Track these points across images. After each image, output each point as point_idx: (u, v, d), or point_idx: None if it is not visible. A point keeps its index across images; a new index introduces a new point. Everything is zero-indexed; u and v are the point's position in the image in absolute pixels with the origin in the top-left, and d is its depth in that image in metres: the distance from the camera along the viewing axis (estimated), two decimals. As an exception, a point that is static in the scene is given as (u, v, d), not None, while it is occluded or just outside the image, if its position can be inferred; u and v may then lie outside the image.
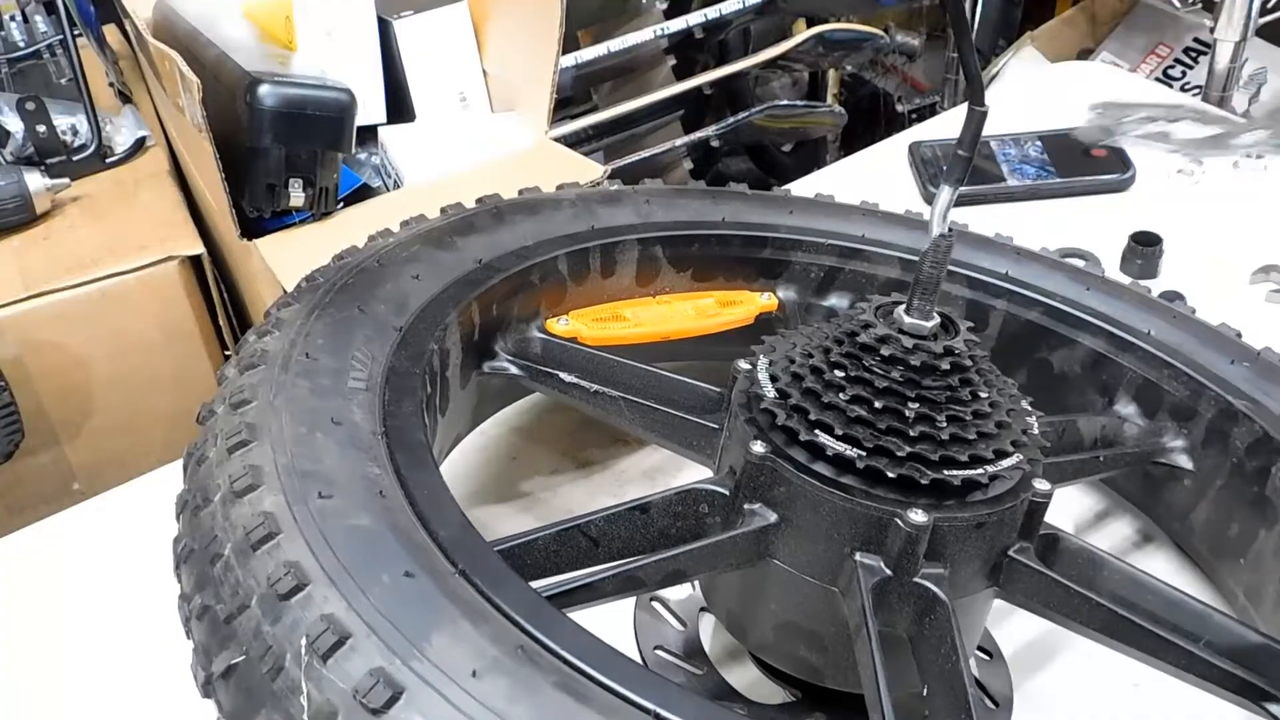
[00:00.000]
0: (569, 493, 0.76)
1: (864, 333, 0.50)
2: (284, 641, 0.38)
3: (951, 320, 0.51)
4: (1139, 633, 0.50)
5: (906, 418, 0.48)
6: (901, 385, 0.49)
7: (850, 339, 0.51)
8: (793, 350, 0.53)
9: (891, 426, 0.48)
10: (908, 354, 0.49)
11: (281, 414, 0.48)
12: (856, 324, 0.51)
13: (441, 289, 0.62)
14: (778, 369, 0.53)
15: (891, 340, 0.49)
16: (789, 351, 0.53)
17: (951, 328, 0.51)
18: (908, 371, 0.49)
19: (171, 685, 0.48)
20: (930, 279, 0.50)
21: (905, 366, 0.49)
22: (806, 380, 0.51)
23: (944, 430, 0.48)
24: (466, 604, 0.39)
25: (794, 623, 0.52)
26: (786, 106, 1.66)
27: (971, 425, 0.49)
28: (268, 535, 0.41)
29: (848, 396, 0.49)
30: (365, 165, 1.22)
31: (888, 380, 0.49)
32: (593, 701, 0.36)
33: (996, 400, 0.51)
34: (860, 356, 0.50)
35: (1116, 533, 0.74)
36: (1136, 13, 1.92)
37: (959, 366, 0.49)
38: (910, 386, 0.49)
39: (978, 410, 0.49)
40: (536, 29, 1.15)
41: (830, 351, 0.51)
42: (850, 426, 0.49)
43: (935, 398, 0.49)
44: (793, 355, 0.53)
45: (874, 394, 0.49)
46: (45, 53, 1.38)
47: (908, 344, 0.49)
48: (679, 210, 0.77)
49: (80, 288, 1.07)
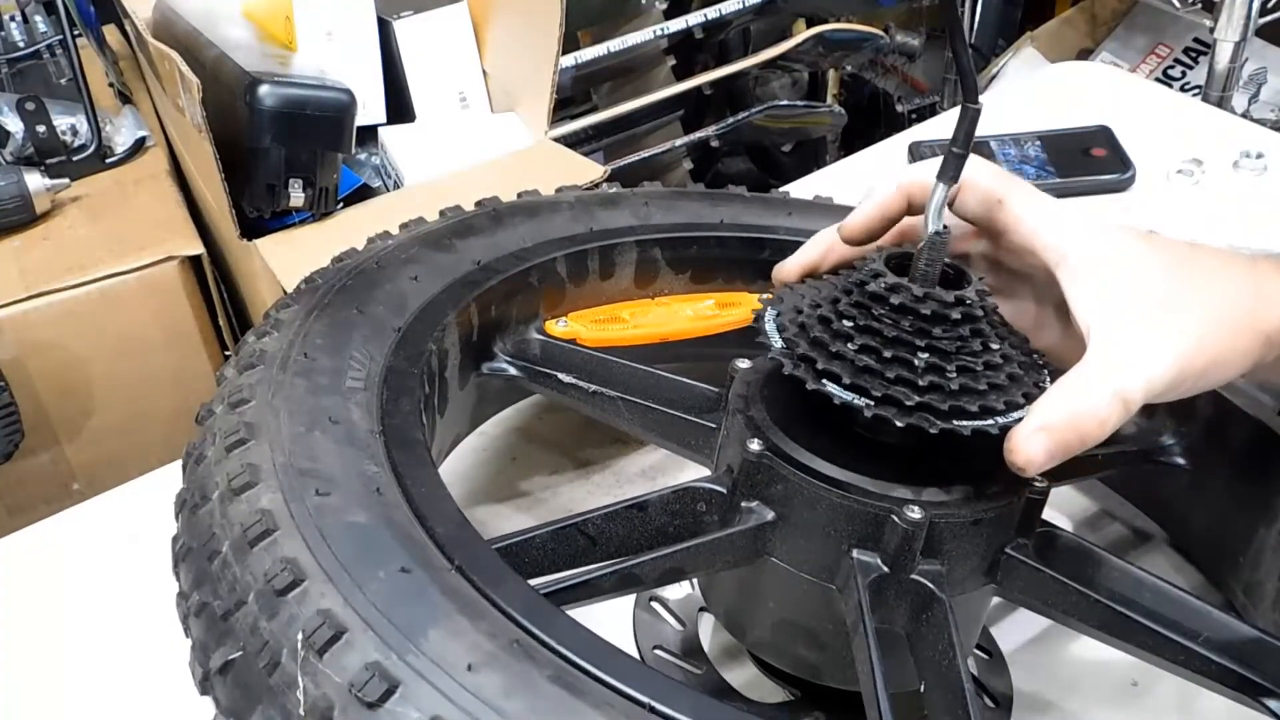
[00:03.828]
0: (568, 492, 0.76)
1: (873, 282, 0.49)
2: (281, 637, 0.38)
3: (963, 271, 0.51)
4: (1137, 629, 0.50)
5: (916, 367, 0.47)
6: (911, 335, 0.48)
7: (859, 289, 0.50)
8: (801, 301, 0.52)
9: (900, 376, 0.47)
10: (918, 303, 0.48)
11: (280, 413, 0.48)
12: (866, 274, 0.50)
13: (440, 290, 0.62)
14: (785, 319, 0.52)
15: (901, 289, 0.48)
16: (797, 303, 0.52)
17: (964, 278, 0.50)
18: (918, 321, 0.48)
19: (171, 683, 0.48)
20: (926, 277, 0.50)
21: (915, 316, 0.48)
22: (814, 330, 0.50)
23: (954, 380, 0.47)
24: (462, 599, 0.39)
25: (792, 621, 0.52)
26: (786, 106, 1.66)
27: (983, 376, 0.48)
28: (265, 532, 0.41)
29: (856, 346, 0.48)
30: (365, 165, 1.23)
31: (897, 330, 0.48)
32: (588, 695, 0.36)
33: (1008, 353, 0.49)
34: (869, 306, 0.49)
35: (1114, 530, 0.74)
36: (1136, 13, 1.93)
37: (970, 317, 0.48)
38: (920, 336, 0.47)
39: (989, 361, 0.48)
40: (536, 29, 1.15)
41: (839, 302, 0.50)
42: (858, 376, 0.47)
43: (945, 348, 0.47)
44: (800, 306, 0.52)
45: (883, 343, 0.47)
46: (45, 53, 1.38)
47: (918, 293, 0.48)
48: (677, 212, 0.77)
49: (80, 288, 1.07)
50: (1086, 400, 0.46)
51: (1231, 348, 0.48)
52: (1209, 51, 1.60)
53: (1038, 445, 0.46)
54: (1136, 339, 0.47)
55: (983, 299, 0.49)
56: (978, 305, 0.49)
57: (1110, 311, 0.49)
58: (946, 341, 0.48)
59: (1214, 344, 0.48)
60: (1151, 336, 0.47)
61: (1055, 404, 0.47)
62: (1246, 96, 1.77)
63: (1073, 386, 0.47)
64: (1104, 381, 0.47)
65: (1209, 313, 0.48)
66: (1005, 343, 0.50)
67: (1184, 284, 0.49)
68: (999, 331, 0.50)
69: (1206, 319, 0.48)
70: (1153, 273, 0.49)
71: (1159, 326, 0.48)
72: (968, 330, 0.48)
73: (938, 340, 0.48)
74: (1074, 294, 0.50)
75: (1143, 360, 0.47)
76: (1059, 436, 0.46)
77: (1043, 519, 0.53)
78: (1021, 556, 0.51)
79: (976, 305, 0.49)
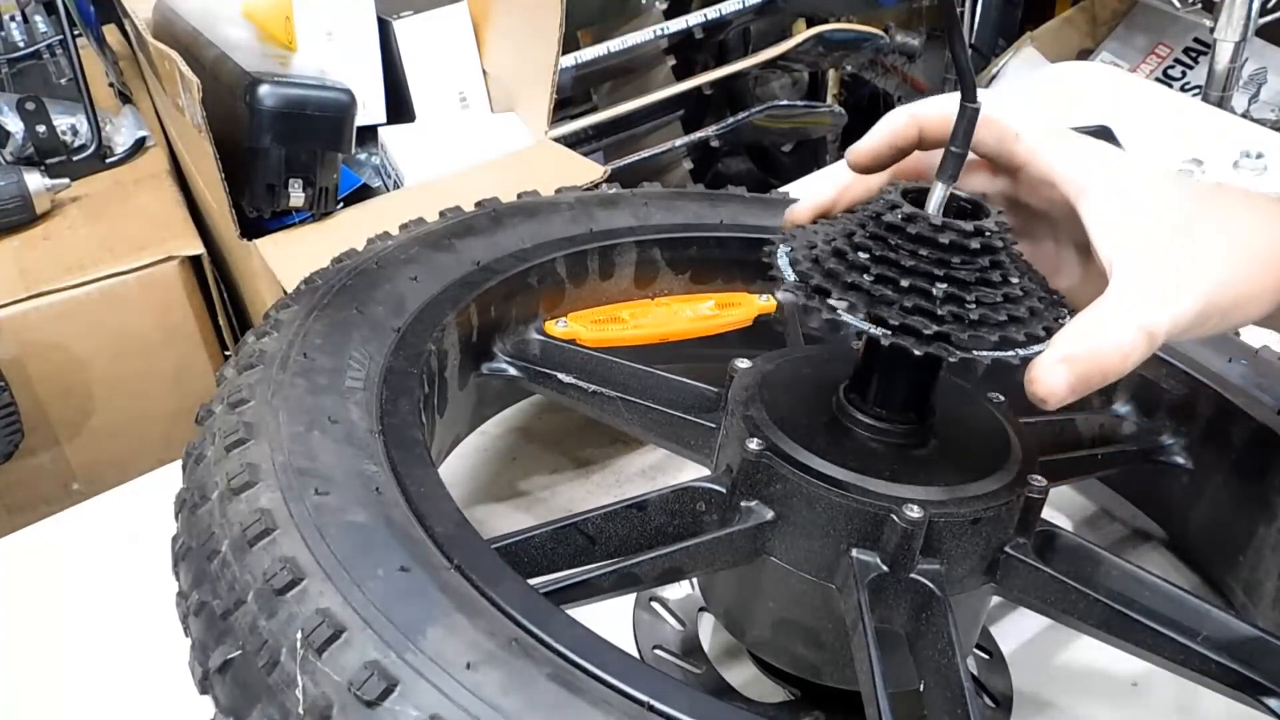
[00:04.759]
0: (568, 492, 0.76)
1: (889, 213, 0.47)
2: (280, 636, 0.38)
3: (981, 204, 0.49)
4: (1137, 628, 0.50)
5: (934, 297, 0.45)
6: (929, 265, 0.46)
7: (875, 220, 0.48)
8: (814, 237, 0.51)
9: (918, 305, 0.45)
10: (936, 232, 0.46)
11: (279, 413, 0.48)
12: (882, 205, 0.48)
13: (440, 291, 0.62)
14: (798, 254, 0.50)
15: (918, 219, 0.47)
16: (810, 239, 0.51)
17: (981, 211, 0.49)
18: (936, 251, 0.46)
19: (170, 682, 0.48)
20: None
21: (933, 246, 0.46)
22: (828, 263, 0.48)
23: (973, 311, 0.45)
24: (461, 598, 0.39)
25: (791, 620, 0.52)
26: (786, 106, 1.66)
27: (1002, 308, 0.46)
28: (264, 531, 0.41)
29: (872, 276, 0.46)
30: (365, 165, 1.23)
31: (914, 260, 0.46)
32: (586, 693, 0.36)
33: (1028, 287, 0.48)
34: (885, 237, 0.47)
35: (1115, 530, 0.74)
36: (1136, 13, 1.93)
37: (989, 248, 0.47)
38: (938, 266, 0.46)
39: (1009, 294, 0.47)
40: (536, 29, 1.15)
41: (853, 235, 0.48)
42: (874, 305, 0.46)
43: (964, 278, 0.46)
44: (814, 241, 0.50)
45: (900, 273, 0.46)
46: (45, 53, 1.38)
47: (936, 222, 0.46)
48: (677, 213, 0.77)
49: (80, 288, 1.07)
50: (1111, 333, 0.45)
51: (1258, 285, 0.47)
52: (1209, 51, 1.60)
53: (1060, 377, 0.45)
54: (1161, 273, 0.46)
55: (1002, 230, 0.48)
56: (997, 236, 0.47)
57: (1134, 245, 0.47)
58: (965, 272, 0.46)
59: (1240, 281, 0.46)
60: (1177, 271, 0.46)
61: (1078, 336, 0.45)
62: (1246, 96, 1.77)
63: (1096, 319, 0.46)
64: (1128, 315, 0.45)
65: (1235, 250, 0.47)
66: (1024, 277, 0.48)
67: (1210, 220, 0.47)
68: (1018, 265, 0.48)
69: (1232, 256, 0.46)
70: (1178, 207, 0.48)
71: (1184, 261, 0.46)
72: (987, 261, 0.47)
73: (956, 270, 0.46)
74: (1096, 227, 0.48)
75: (1168, 295, 0.45)
76: (1081, 368, 0.45)
77: (1042, 518, 0.53)
78: (1021, 555, 0.51)
79: (996, 236, 0.47)
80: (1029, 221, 0.55)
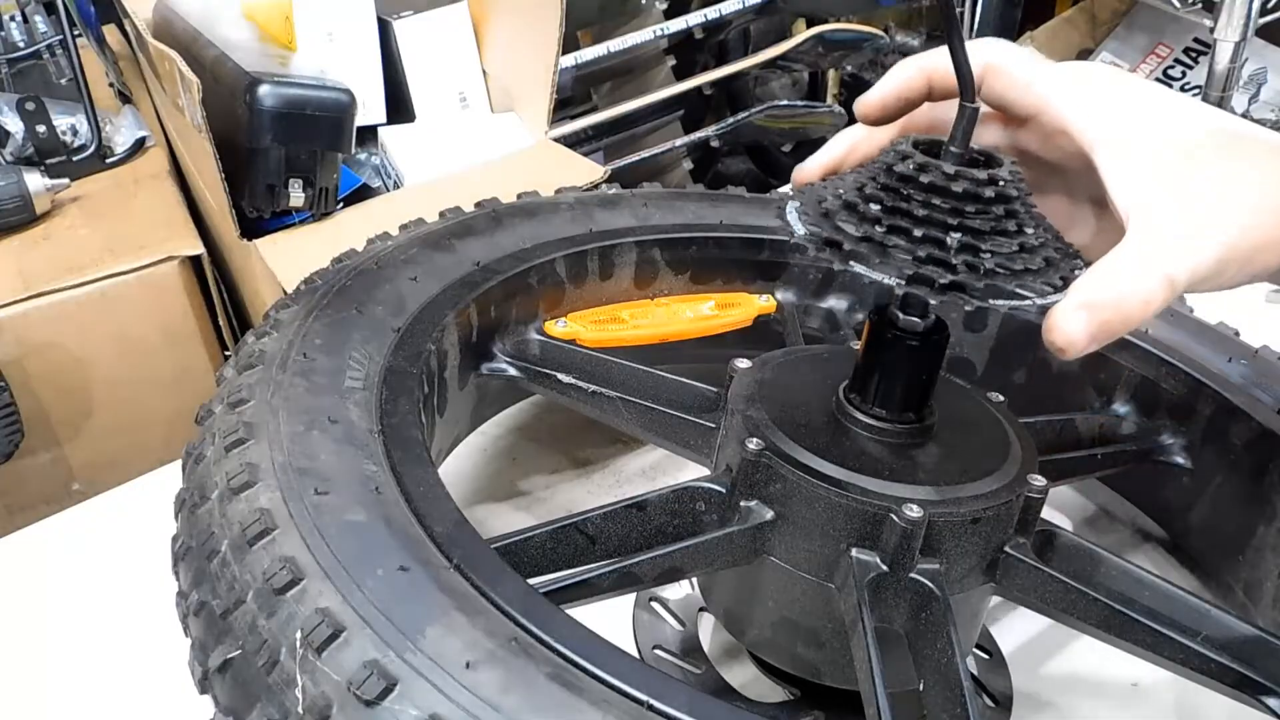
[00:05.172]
0: (568, 491, 0.76)
1: (901, 164, 0.46)
2: (279, 635, 0.38)
3: (994, 155, 0.48)
4: (1137, 628, 0.50)
5: (948, 247, 0.44)
6: (943, 214, 0.45)
7: (886, 172, 0.47)
8: (824, 192, 0.49)
9: (932, 255, 0.44)
10: (949, 181, 0.45)
11: (279, 412, 0.48)
12: (893, 156, 0.47)
13: (439, 291, 0.62)
14: (808, 208, 0.49)
15: (931, 168, 0.46)
16: (820, 194, 0.50)
17: (994, 161, 0.48)
18: (949, 199, 0.45)
19: (170, 682, 0.48)
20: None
21: (946, 194, 0.45)
22: (839, 217, 0.47)
23: (988, 260, 0.44)
24: (461, 598, 0.39)
25: (791, 620, 0.52)
26: (786, 106, 1.66)
27: (1018, 258, 0.45)
28: (264, 531, 0.41)
29: (884, 227, 0.45)
30: (365, 165, 1.23)
31: (928, 209, 0.45)
32: (586, 693, 0.36)
33: (1044, 237, 0.47)
34: (897, 188, 0.46)
35: (1115, 530, 0.74)
36: (1136, 13, 1.92)
37: (1004, 196, 0.46)
38: (952, 215, 0.45)
39: (1024, 244, 0.46)
40: (536, 29, 1.15)
41: (864, 187, 0.47)
42: (887, 257, 0.45)
43: (979, 227, 0.45)
44: (823, 195, 0.49)
45: (913, 223, 0.45)
46: (45, 53, 1.39)
47: (949, 170, 0.45)
48: (677, 213, 0.77)
49: (80, 288, 1.07)
50: (1131, 280, 0.44)
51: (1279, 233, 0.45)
52: (1209, 51, 1.59)
53: (1079, 324, 0.44)
54: (1181, 220, 0.45)
55: (1016, 180, 0.46)
56: (1011, 185, 0.46)
57: (1152, 192, 0.45)
58: (980, 221, 0.45)
59: (1262, 228, 0.45)
60: (1196, 218, 0.45)
61: (1098, 282, 0.44)
62: (1246, 96, 1.77)
63: (1116, 266, 0.44)
64: (1148, 262, 0.44)
65: (1257, 196, 0.45)
66: (1039, 228, 0.47)
67: (1230, 165, 0.46)
68: (1033, 215, 0.47)
69: (1254, 203, 0.45)
70: (1196, 153, 0.46)
71: (1204, 209, 0.45)
72: (1001, 210, 0.46)
73: (970, 220, 0.45)
74: (1111, 175, 0.47)
75: (1188, 242, 0.44)
76: (1101, 316, 0.44)
77: (1042, 518, 0.53)
78: (1020, 555, 0.51)
79: (1010, 185, 0.46)
80: (1042, 176, 0.54)
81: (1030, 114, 0.51)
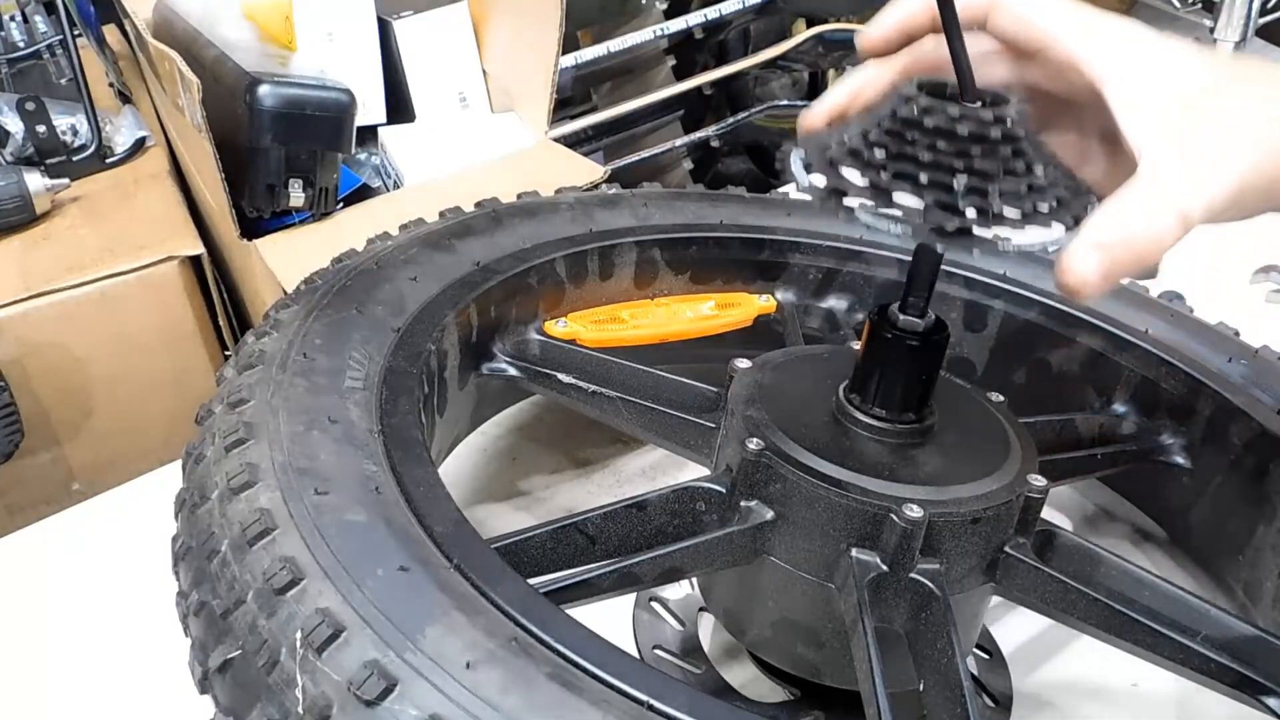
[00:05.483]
0: (568, 491, 0.76)
1: (904, 107, 0.45)
2: (279, 635, 0.38)
3: (1000, 94, 0.47)
4: (1137, 628, 0.50)
5: (955, 191, 0.44)
6: (949, 157, 0.44)
7: (891, 117, 0.46)
8: (828, 139, 0.48)
9: (939, 200, 0.44)
10: (954, 123, 0.44)
11: (279, 412, 0.48)
12: (897, 100, 0.46)
13: (439, 291, 0.62)
14: (812, 156, 0.48)
15: (936, 110, 0.44)
16: (823, 140, 0.49)
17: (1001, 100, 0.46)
18: (955, 142, 0.44)
19: (171, 682, 0.48)
20: (922, 279, 0.49)
21: (952, 137, 0.44)
22: (843, 164, 0.46)
23: (996, 203, 0.44)
24: (461, 598, 0.39)
25: (791, 620, 0.52)
26: (786, 106, 1.66)
27: (1028, 199, 0.44)
28: (264, 531, 0.41)
29: (889, 174, 0.45)
30: (365, 165, 1.23)
31: (933, 153, 0.44)
32: (586, 693, 0.36)
33: (1054, 176, 0.46)
34: (902, 133, 0.45)
35: (1114, 529, 0.74)
36: (1136, 13, 1.92)
37: (1011, 137, 0.44)
38: (959, 158, 0.44)
39: (1033, 184, 0.45)
40: (536, 29, 1.15)
41: (869, 133, 0.46)
42: (892, 204, 0.44)
43: (986, 169, 0.44)
44: (827, 143, 0.48)
45: (918, 168, 0.44)
46: (45, 53, 1.38)
47: (954, 112, 0.44)
48: (677, 213, 0.77)
49: (80, 288, 1.07)
50: (1143, 218, 0.43)
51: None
52: (1209, 51, 1.59)
53: (1091, 264, 0.43)
54: (1194, 155, 0.43)
55: (1024, 119, 0.45)
56: (1019, 125, 0.45)
57: (1163, 126, 0.44)
58: (987, 163, 0.44)
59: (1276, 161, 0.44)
60: (1209, 153, 0.43)
61: (1109, 221, 0.43)
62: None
63: (1127, 203, 0.43)
64: (1161, 197, 0.43)
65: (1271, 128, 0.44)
66: (1049, 167, 0.46)
67: (1242, 97, 0.45)
68: (1042, 155, 0.46)
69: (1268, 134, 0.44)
70: (1208, 85, 0.45)
71: (1218, 142, 0.44)
72: (1009, 151, 0.44)
73: (977, 162, 0.44)
74: (1122, 110, 0.46)
75: (1201, 177, 0.43)
76: (1114, 254, 0.42)
77: (1042, 518, 0.53)
78: (1020, 555, 0.51)
79: (1018, 125, 0.45)
80: (1052, 111, 0.53)
81: (1038, 48, 0.49)
